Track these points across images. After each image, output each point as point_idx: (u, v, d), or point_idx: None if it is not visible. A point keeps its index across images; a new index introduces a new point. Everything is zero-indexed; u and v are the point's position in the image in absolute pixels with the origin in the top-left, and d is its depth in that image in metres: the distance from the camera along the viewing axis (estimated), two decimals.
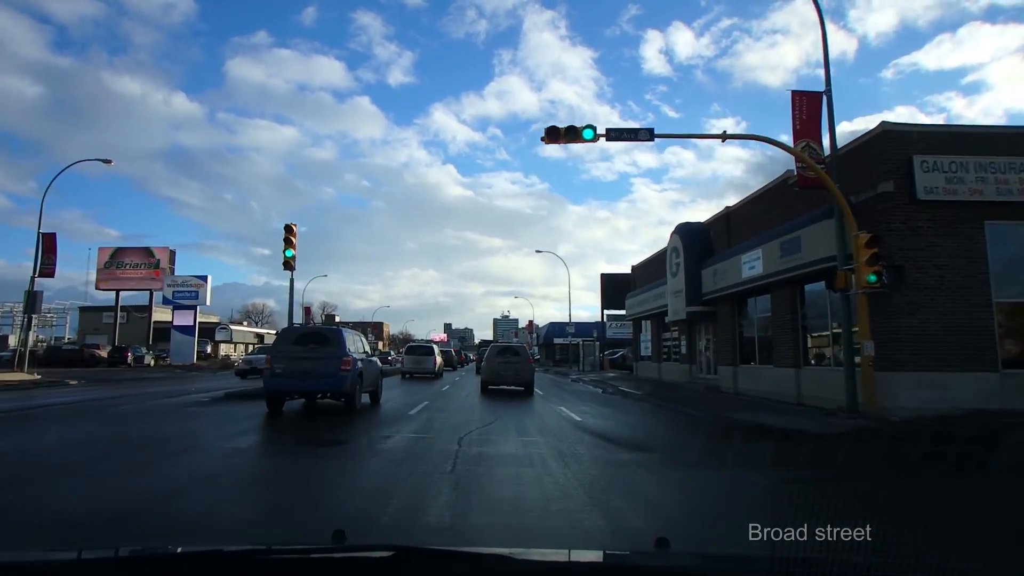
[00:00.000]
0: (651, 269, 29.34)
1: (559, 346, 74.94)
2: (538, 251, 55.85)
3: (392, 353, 69.93)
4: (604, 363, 42.49)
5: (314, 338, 13.14)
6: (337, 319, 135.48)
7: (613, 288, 43.73)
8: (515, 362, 20.38)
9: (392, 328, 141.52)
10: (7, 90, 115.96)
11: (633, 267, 33.26)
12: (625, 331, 43.93)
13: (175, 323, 47.09)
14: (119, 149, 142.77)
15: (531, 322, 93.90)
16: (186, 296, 47.28)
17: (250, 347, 74.20)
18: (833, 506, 3.98)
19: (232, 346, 68.88)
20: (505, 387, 19.89)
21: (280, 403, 12.62)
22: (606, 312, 44.31)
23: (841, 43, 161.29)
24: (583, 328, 53.51)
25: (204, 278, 47.86)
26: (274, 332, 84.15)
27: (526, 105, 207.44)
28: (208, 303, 48.04)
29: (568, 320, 52.28)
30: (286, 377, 12.33)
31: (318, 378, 12.25)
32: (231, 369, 43.78)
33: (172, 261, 50.48)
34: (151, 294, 49.46)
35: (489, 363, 20.45)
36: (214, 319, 78.44)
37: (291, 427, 11.14)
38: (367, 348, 15.82)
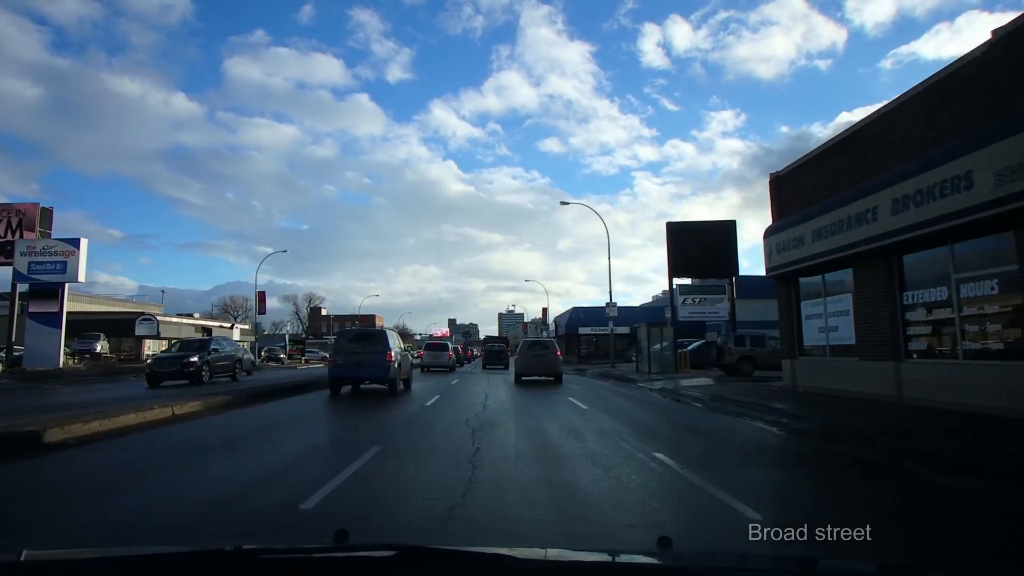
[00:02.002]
0: (845, 159, 13.80)
1: (586, 337, 59.36)
2: (564, 203, 39.94)
3: None
4: (682, 360, 27.03)
5: (365, 337, 16.91)
6: (324, 312, 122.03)
7: (692, 243, 28.25)
8: (544, 355, 22.65)
9: (387, 321, 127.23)
10: (7, 92, 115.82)
11: (776, 178, 17.50)
12: (707, 311, 28.51)
13: (31, 309, 31.74)
14: (120, 149, 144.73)
15: (545, 310, 78.46)
16: (47, 270, 31.88)
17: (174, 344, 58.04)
18: None
19: (164, 343, 53.26)
20: (537, 377, 22.17)
21: (339, 387, 16.28)
22: (676, 283, 28.83)
23: (837, 33, 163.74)
24: (632, 313, 37.94)
25: (75, 243, 32.40)
26: (228, 326, 68.94)
27: (525, 100, 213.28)
28: (81, 279, 32.59)
29: (609, 300, 36.70)
30: (345, 367, 15.99)
31: (369, 368, 15.79)
32: (117, 378, 28.72)
33: (48, 223, 35.09)
34: (14, 272, 34.00)
35: (522, 356, 23.25)
36: (155, 310, 62.92)
37: None
38: (402, 346, 19.10)
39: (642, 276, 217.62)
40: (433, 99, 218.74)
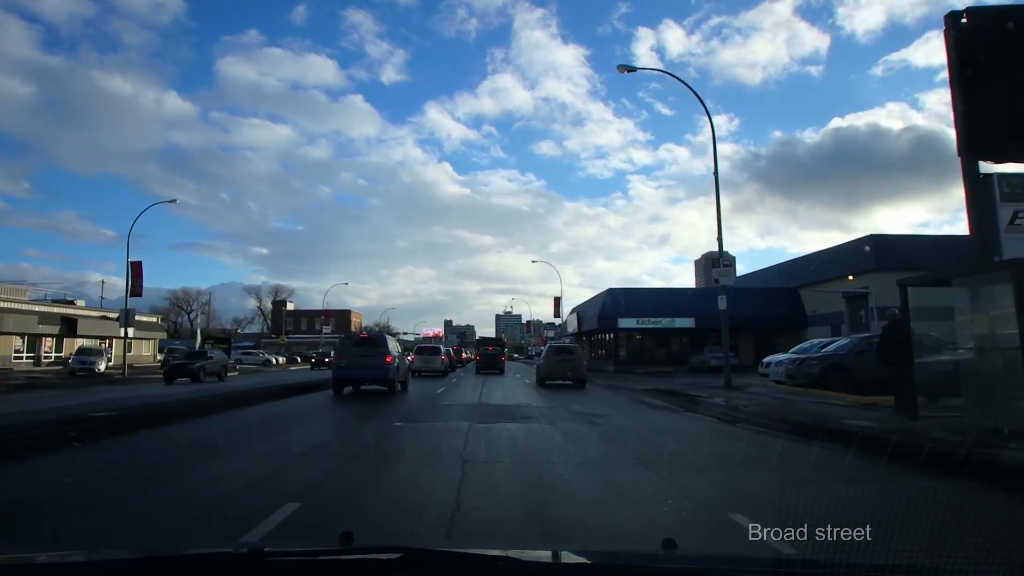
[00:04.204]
0: None
1: (627, 334, 41.01)
2: (625, 67, 19.37)
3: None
4: None
5: (367, 342, 18.34)
6: (292, 306, 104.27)
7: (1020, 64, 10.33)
8: (570, 360, 22.80)
9: (366, 319, 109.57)
10: None
11: None
12: None
13: None
14: (112, 148, 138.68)
15: (557, 299, 59.57)
16: None
17: (84, 348, 36.92)
18: None
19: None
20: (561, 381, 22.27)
21: (342, 388, 17.90)
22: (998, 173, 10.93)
23: (826, 40, 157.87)
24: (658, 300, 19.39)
25: None
26: (114, 317, 50.73)
27: (520, 103, 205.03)
28: None
29: (718, 248, 18.50)
30: (348, 369, 17.55)
31: (370, 370, 17.37)
32: None
33: None
34: None
35: (547, 360, 23.23)
36: (17, 294, 44.15)
37: None
38: (400, 350, 20.66)
39: (637, 279, 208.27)
40: (428, 101, 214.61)
